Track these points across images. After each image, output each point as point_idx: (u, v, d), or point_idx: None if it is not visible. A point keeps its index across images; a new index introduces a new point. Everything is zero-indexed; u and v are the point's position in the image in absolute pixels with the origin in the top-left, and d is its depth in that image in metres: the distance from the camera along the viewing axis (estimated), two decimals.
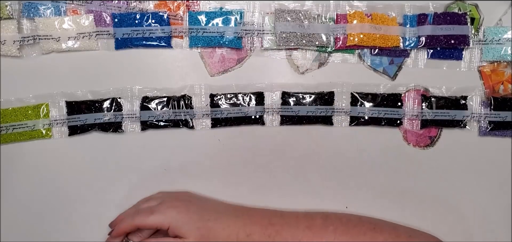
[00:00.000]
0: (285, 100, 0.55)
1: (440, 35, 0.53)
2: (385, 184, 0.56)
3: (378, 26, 0.53)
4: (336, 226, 0.49)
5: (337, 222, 0.50)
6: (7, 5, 0.52)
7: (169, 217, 0.48)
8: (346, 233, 0.48)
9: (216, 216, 0.49)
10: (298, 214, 0.51)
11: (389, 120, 0.55)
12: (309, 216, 0.51)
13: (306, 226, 0.49)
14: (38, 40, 0.52)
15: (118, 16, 0.53)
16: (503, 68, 0.55)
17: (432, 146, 0.56)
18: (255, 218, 0.50)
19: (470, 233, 0.56)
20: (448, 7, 0.54)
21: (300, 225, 0.49)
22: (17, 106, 0.53)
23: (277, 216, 0.51)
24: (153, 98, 0.54)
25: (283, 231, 0.49)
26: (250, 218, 0.50)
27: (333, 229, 0.49)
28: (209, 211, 0.50)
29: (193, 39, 0.54)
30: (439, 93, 0.55)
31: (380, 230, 0.49)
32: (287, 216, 0.51)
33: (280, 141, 0.55)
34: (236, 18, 0.53)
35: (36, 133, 0.54)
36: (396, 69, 0.55)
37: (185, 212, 0.48)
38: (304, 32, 0.53)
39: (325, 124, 0.55)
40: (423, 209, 0.56)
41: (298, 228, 0.49)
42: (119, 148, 0.55)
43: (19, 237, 0.55)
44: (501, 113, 0.54)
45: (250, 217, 0.50)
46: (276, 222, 0.50)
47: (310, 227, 0.49)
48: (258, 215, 0.51)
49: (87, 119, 0.54)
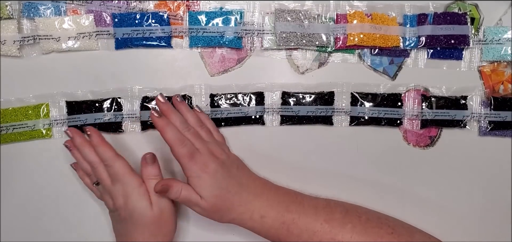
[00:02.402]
0: (285, 100, 0.55)
1: (440, 35, 0.53)
2: (385, 184, 0.56)
3: (378, 26, 0.53)
4: (355, 225, 0.47)
5: (356, 219, 0.48)
6: (7, 5, 0.52)
7: (195, 171, 0.46)
8: (364, 234, 0.47)
9: (237, 190, 0.47)
10: (318, 204, 0.49)
11: (389, 120, 0.55)
12: (329, 208, 0.49)
13: (325, 220, 0.47)
14: (38, 40, 0.52)
15: (118, 16, 0.53)
16: (503, 68, 0.55)
17: (432, 146, 0.56)
18: (273, 201, 0.48)
19: (470, 233, 0.56)
20: (448, 7, 0.54)
21: (318, 217, 0.48)
22: (17, 106, 0.53)
23: (296, 203, 0.49)
24: (153, 98, 0.54)
25: (300, 220, 0.47)
26: (268, 200, 0.48)
27: (351, 227, 0.47)
28: (233, 182, 0.47)
29: (193, 39, 0.54)
30: (439, 93, 0.55)
31: (398, 236, 0.47)
32: (306, 204, 0.49)
33: (280, 141, 0.55)
34: (236, 18, 0.53)
35: (36, 133, 0.54)
36: (396, 69, 0.55)
37: (211, 174, 0.46)
38: (304, 32, 0.53)
39: (325, 124, 0.55)
40: (423, 209, 0.56)
41: (316, 220, 0.47)
42: (119, 148, 0.55)
43: (19, 237, 0.55)
44: (501, 113, 0.54)
45: (268, 199, 0.48)
46: (294, 210, 0.48)
47: (328, 221, 0.47)
48: (277, 198, 0.49)
49: (87, 119, 0.54)
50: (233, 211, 0.47)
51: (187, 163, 0.46)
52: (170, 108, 0.49)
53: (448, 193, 0.56)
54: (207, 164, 0.46)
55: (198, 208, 0.47)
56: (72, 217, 0.55)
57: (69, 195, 0.55)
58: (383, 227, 0.48)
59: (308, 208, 0.48)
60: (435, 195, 0.56)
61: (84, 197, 0.55)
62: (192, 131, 0.48)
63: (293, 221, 0.47)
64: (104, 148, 0.48)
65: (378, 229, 0.47)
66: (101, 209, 0.55)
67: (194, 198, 0.46)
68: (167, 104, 0.49)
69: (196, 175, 0.46)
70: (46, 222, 0.55)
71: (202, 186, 0.46)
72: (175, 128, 0.47)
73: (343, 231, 0.47)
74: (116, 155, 0.48)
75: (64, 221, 0.55)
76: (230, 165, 0.49)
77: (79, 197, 0.55)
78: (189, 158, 0.46)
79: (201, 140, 0.48)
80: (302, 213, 0.48)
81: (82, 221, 0.55)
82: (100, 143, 0.48)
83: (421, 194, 0.56)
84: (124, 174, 0.48)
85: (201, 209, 0.47)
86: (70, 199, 0.55)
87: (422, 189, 0.56)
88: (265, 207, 0.48)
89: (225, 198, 0.47)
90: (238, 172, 0.49)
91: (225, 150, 0.50)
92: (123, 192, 0.48)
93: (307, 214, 0.48)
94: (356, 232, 0.47)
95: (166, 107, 0.49)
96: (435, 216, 0.56)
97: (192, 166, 0.46)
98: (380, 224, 0.48)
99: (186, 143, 0.46)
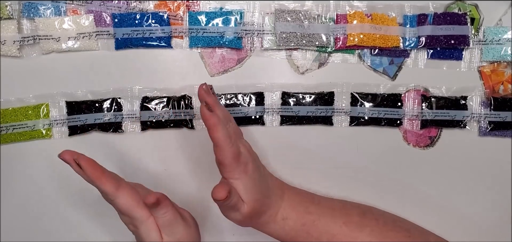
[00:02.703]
0: (285, 100, 0.55)
1: (440, 35, 0.53)
2: (385, 184, 0.56)
3: (378, 26, 0.53)
4: (373, 228, 0.47)
5: (373, 222, 0.47)
6: (7, 5, 0.52)
7: (238, 173, 0.42)
8: (382, 238, 0.46)
9: (267, 193, 0.45)
10: (334, 205, 0.48)
11: (389, 120, 0.55)
12: (345, 210, 0.48)
13: (344, 222, 0.46)
14: (38, 40, 0.52)
15: (118, 16, 0.53)
16: (503, 68, 0.55)
17: (432, 146, 0.56)
18: (294, 202, 0.47)
19: (470, 233, 0.56)
20: (448, 7, 0.54)
21: (337, 219, 0.46)
22: (17, 106, 0.53)
23: (314, 204, 0.47)
24: (153, 98, 0.54)
25: (319, 223, 0.46)
26: (289, 201, 0.47)
27: (369, 231, 0.46)
28: (264, 184, 0.45)
29: (193, 39, 0.54)
30: (439, 93, 0.55)
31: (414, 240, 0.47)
32: (323, 206, 0.48)
33: (280, 141, 0.55)
34: (236, 18, 0.53)
35: (36, 133, 0.54)
36: (396, 69, 0.55)
37: (250, 176, 0.42)
38: (304, 32, 0.53)
39: (325, 124, 0.55)
40: (423, 209, 0.56)
41: (335, 223, 0.46)
42: (119, 148, 0.55)
43: (19, 237, 0.55)
44: (501, 113, 0.54)
45: (290, 201, 0.47)
46: (313, 211, 0.46)
47: (347, 224, 0.46)
48: (296, 200, 0.47)
49: (87, 119, 0.54)
50: (264, 214, 0.45)
51: (232, 164, 0.41)
52: (216, 101, 0.44)
53: (448, 194, 0.56)
54: (247, 165, 0.42)
55: (238, 214, 0.43)
56: (72, 217, 0.55)
57: (69, 195, 0.55)
58: (400, 231, 0.48)
59: (326, 210, 0.47)
60: (435, 195, 0.56)
61: (84, 197, 0.55)
62: (231, 127, 0.44)
63: (313, 223, 0.46)
64: (102, 184, 0.41)
65: (395, 233, 0.47)
66: (101, 209, 0.55)
67: (239, 202, 0.42)
68: (214, 97, 0.44)
69: (239, 177, 0.42)
70: (46, 222, 0.55)
71: (245, 190, 0.42)
72: (224, 126, 0.41)
73: (362, 235, 0.46)
74: (117, 190, 0.42)
75: (64, 221, 0.55)
76: (259, 163, 0.46)
77: (79, 197, 0.55)
78: (235, 158, 0.41)
79: (238, 138, 0.44)
80: (321, 215, 0.46)
81: (82, 221, 0.55)
82: (96, 179, 0.41)
83: (421, 194, 0.56)
84: (128, 209, 0.43)
85: (241, 215, 0.43)
86: (70, 199, 0.55)
87: (422, 189, 0.56)
88: (287, 209, 0.46)
89: (262, 202, 0.44)
90: (264, 171, 0.47)
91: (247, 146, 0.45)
92: (131, 223, 0.44)
93: (325, 216, 0.47)
94: (374, 236, 0.46)
95: (213, 100, 0.43)
96: (435, 216, 0.56)
97: (236, 167, 0.41)
98: (396, 227, 0.48)
99: (234, 142, 0.41)
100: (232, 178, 0.42)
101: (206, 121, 0.41)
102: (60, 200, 0.55)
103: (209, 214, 0.56)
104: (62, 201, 0.55)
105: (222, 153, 0.41)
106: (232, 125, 0.44)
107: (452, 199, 0.56)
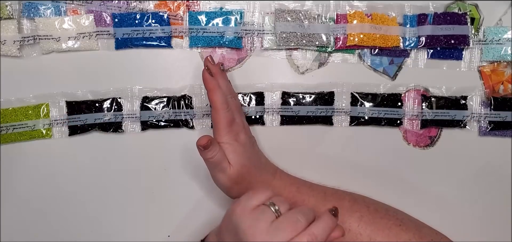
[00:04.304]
0: (285, 100, 0.55)
1: (440, 35, 0.53)
2: (385, 184, 0.56)
3: (378, 26, 0.53)
4: (363, 214, 0.48)
5: (364, 209, 0.49)
6: (7, 5, 0.52)
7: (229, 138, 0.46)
8: (371, 223, 0.48)
9: (258, 166, 0.49)
10: (326, 190, 0.51)
11: (389, 120, 0.55)
12: (337, 195, 0.50)
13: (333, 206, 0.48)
14: (38, 40, 0.52)
15: (118, 16, 0.53)
16: (503, 68, 0.55)
17: (432, 146, 0.56)
18: (286, 181, 0.50)
19: (470, 233, 0.56)
20: (448, 7, 0.54)
21: (327, 202, 0.49)
22: (17, 106, 0.53)
23: (306, 186, 0.50)
24: (153, 98, 0.54)
25: (309, 202, 0.49)
26: (281, 180, 0.50)
27: (359, 216, 0.48)
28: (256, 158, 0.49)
29: (193, 39, 0.54)
30: (439, 93, 0.55)
31: (406, 229, 0.48)
32: (316, 189, 0.50)
33: (280, 141, 0.55)
34: (236, 18, 0.53)
35: (36, 133, 0.54)
36: (396, 69, 0.55)
37: (241, 144, 0.47)
38: (304, 32, 0.53)
39: (325, 124, 0.55)
40: (423, 209, 0.56)
41: (325, 205, 0.48)
42: (119, 148, 0.55)
43: (19, 237, 0.55)
44: (501, 113, 0.54)
45: (281, 179, 0.50)
46: (304, 192, 0.49)
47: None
48: (289, 180, 0.50)
49: (87, 119, 0.54)
50: (253, 186, 0.47)
51: (225, 128, 0.46)
52: (220, 71, 0.49)
53: (448, 193, 0.56)
54: (239, 134, 0.47)
55: (223, 175, 0.47)
56: (73, 217, 0.55)
57: (69, 195, 0.55)
58: (391, 218, 0.49)
59: (317, 192, 0.50)
60: (435, 195, 0.56)
61: (84, 197, 0.55)
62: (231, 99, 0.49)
63: (303, 203, 0.48)
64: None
65: (386, 220, 0.48)
66: (101, 209, 0.55)
67: (224, 162, 0.46)
68: (218, 67, 0.49)
69: (229, 141, 0.46)
70: (46, 222, 0.55)
71: (233, 153, 0.46)
72: (223, 92, 0.47)
73: (351, 219, 0.48)
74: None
75: (64, 221, 0.55)
76: (254, 141, 0.50)
77: (79, 197, 0.55)
78: (228, 124, 0.46)
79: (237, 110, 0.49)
80: (311, 196, 0.49)
81: (82, 221, 0.55)
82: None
83: (421, 194, 0.56)
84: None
85: (226, 176, 0.46)
86: (70, 199, 0.55)
87: (422, 189, 0.56)
88: (279, 187, 0.49)
89: (249, 171, 0.47)
90: (259, 151, 0.51)
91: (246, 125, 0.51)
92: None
93: (316, 197, 0.49)
94: (364, 221, 0.48)
95: (216, 69, 0.48)
96: (435, 216, 0.55)
97: (228, 132, 0.46)
98: (388, 215, 0.49)
99: (230, 108, 0.47)
100: (222, 142, 0.46)
101: (205, 83, 0.46)
102: (60, 200, 0.55)
103: (209, 214, 0.56)
104: (62, 201, 0.55)
105: (217, 116, 0.46)
106: (234, 101, 0.49)
107: (452, 198, 0.56)
